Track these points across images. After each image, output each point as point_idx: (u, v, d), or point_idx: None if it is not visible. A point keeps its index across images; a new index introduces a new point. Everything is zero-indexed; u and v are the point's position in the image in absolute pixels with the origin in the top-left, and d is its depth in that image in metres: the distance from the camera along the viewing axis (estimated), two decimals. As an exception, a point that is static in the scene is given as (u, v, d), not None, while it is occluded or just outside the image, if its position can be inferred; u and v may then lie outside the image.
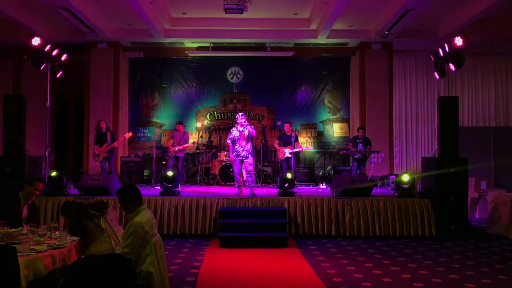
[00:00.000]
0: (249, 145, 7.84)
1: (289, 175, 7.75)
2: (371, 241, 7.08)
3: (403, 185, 7.62)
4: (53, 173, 7.53)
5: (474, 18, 9.18)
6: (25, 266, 3.23)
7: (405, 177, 7.66)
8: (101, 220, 4.03)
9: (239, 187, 7.90)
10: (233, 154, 7.86)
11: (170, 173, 7.68)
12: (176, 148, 9.63)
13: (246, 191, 8.00)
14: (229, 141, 7.91)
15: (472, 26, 9.61)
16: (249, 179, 7.92)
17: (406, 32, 10.43)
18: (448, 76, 8.48)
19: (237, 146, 7.80)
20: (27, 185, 4.81)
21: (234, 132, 7.87)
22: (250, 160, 7.84)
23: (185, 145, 9.78)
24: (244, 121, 7.82)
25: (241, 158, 7.79)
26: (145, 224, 3.53)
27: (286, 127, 9.88)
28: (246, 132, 7.79)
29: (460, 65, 7.76)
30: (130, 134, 9.84)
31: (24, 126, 7.53)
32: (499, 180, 10.11)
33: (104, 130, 9.37)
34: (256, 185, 8.20)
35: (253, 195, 7.68)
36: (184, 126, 10.22)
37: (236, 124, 8.00)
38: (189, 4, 9.70)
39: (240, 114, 7.94)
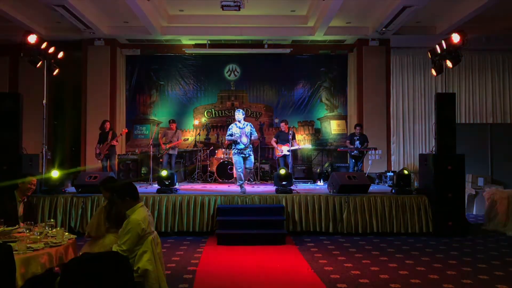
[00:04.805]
0: (249, 142, 7.89)
1: (282, 171, 7.75)
2: (368, 238, 7.10)
3: (402, 182, 7.64)
4: (56, 174, 7.51)
5: (471, 15, 9.18)
6: (22, 264, 3.23)
7: (405, 172, 7.70)
8: None
9: (242, 185, 7.86)
10: (234, 150, 7.88)
11: (164, 173, 7.66)
12: (167, 146, 9.72)
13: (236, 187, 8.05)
14: (228, 137, 7.91)
15: (469, 23, 9.62)
16: (248, 176, 7.98)
17: (403, 29, 10.44)
18: (445, 73, 8.49)
19: (238, 143, 7.82)
20: (20, 182, 4.84)
21: (234, 129, 7.88)
22: (252, 158, 7.98)
23: (177, 142, 9.86)
24: (243, 118, 7.95)
25: (244, 155, 7.83)
26: (142, 221, 3.52)
27: (283, 125, 9.90)
28: (247, 130, 7.85)
29: (457, 61, 7.76)
30: (126, 130, 9.97)
31: (21, 124, 7.49)
32: (496, 177, 10.15)
33: (107, 130, 9.50)
34: (249, 183, 8.32)
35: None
36: (176, 124, 10.31)
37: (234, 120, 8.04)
38: (186, 1, 9.68)
39: (240, 110, 8.03)
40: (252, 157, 7.96)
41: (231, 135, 7.87)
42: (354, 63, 11.54)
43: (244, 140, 7.80)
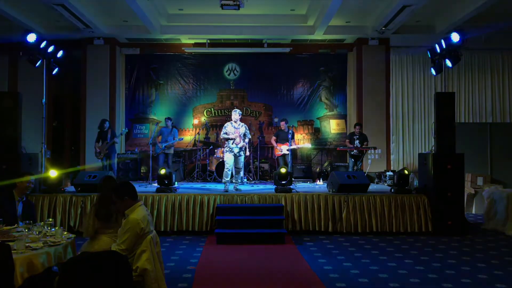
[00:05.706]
0: (242, 143, 8.08)
1: (282, 171, 7.75)
2: (367, 237, 7.10)
3: (401, 181, 7.64)
4: (54, 174, 7.50)
5: (470, 14, 9.18)
6: (21, 263, 3.23)
7: (405, 172, 7.70)
8: (123, 219, 4.09)
9: (226, 183, 8.02)
10: (226, 148, 8.09)
11: (162, 171, 7.66)
12: (164, 145, 9.73)
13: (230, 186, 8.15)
14: (224, 135, 8.12)
15: (469, 22, 9.61)
16: (239, 175, 8.24)
17: (403, 28, 10.44)
18: (445, 72, 8.49)
19: (231, 142, 8.03)
20: (18, 181, 4.84)
21: (229, 128, 8.08)
22: (243, 158, 8.18)
23: (173, 141, 9.84)
24: (239, 118, 8.17)
25: (234, 154, 8.02)
26: (141, 221, 3.52)
27: (282, 124, 9.92)
28: (241, 130, 8.06)
29: (457, 61, 7.76)
30: (126, 130, 10.10)
31: (20, 123, 7.49)
32: (496, 176, 10.14)
33: (106, 129, 9.48)
34: (243, 182, 8.46)
35: (238, 190, 7.86)
36: (172, 122, 10.27)
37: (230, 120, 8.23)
38: (185, 0, 9.66)
39: (237, 110, 8.23)
40: (242, 157, 8.17)
41: (226, 133, 8.08)
42: (354, 62, 11.54)
43: (237, 140, 7.99)
